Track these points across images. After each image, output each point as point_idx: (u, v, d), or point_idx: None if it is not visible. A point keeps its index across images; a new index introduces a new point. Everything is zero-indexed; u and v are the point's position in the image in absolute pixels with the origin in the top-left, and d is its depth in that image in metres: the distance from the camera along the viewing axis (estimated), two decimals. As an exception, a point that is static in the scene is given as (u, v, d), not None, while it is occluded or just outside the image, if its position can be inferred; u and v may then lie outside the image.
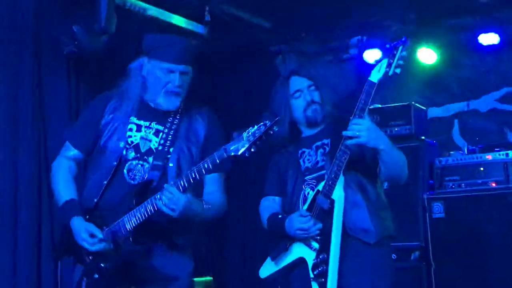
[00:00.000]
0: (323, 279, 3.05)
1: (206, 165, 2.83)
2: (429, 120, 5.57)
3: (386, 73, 3.05)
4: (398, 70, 3.05)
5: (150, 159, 3.07)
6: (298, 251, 3.20)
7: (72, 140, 3.19)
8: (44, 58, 4.33)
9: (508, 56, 5.47)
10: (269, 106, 3.44)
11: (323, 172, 3.21)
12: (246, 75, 6.16)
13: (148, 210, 2.91)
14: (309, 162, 3.30)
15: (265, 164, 6.00)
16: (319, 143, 3.31)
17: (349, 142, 3.05)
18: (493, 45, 5.37)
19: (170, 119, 3.12)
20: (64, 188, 3.11)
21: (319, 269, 3.08)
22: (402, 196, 4.66)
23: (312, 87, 3.34)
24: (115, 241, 2.96)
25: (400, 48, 3.05)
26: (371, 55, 5.65)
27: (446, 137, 5.65)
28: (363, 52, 5.71)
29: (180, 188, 2.86)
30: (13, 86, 4.22)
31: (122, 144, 3.07)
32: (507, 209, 4.68)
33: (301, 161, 3.32)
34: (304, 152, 3.34)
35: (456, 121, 5.69)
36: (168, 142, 3.09)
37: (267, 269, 3.32)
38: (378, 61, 3.10)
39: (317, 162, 3.27)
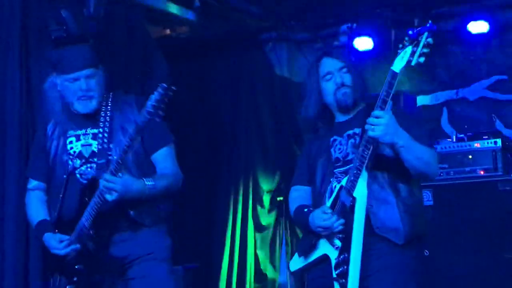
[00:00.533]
0: (343, 280, 2.93)
1: (127, 143, 2.98)
2: (418, 108, 5.58)
3: (409, 62, 2.83)
4: (422, 60, 2.81)
5: (95, 159, 3.21)
6: (323, 247, 3.07)
7: (30, 174, 3.43)
8: (32, 43, 4.28)
9: (497, 44, 5.48)
10: (301, 88, 3.28)
11: (351, 165, 3.02)
12: (236, 62, 6.15)
13: (96, 203, 3.06)
14: (340, 152, 3.14)
15: (262, 156, 6.03)
16: (350, 132, 3.14)
17: (367, 134, 2.90)
18: (483, 33, 5.37)
19: (101, 119, 3.25)
20: (34, 213, 3.34)
21: (341, 269, 2.95)
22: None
23: (344, 69, 3.14)
24: (81, 241, 3.12)
25: (426, 34, 2.82)
26: (361, 42, 5.65)
27: (435, 125, 5.66)
28: (353, 39, 5.69)
29: (114, 171, 3.01)
30: (0, 76, 4.16)
31: (65, 157, 3.24)
32: (495, 197, 4.69)
33: (332, 150, 3.16)
34: (335, 140, 3.17)
35: (445, 109, 5.70)
36: (106, 139, 3.21)
37: (296, 263, 3.23)
38: (401, 49, 2.87)
39: (347, 154, 3.11)
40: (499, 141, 4.85)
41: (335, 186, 3.08)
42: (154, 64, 5.13)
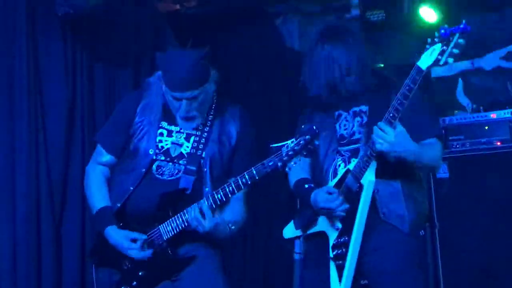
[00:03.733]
0: (341, 262, 2.94)
1: (244, 180, 2.88)
2: (432, 80, 5.50)
3: (437, 60, 2.76)
4: (450, 60, 2.75)
5: (182, 162, 3.07)
6: (323, 225, 3.06)
7: (104, 144, 3.21)
8: (39, 21, 4.24)
9: (512, 12, 5.39)
10: (306, 72, 3.19)
11: (358, 145, 3.02)
12: (245, 37, 6.07)
13: (182, 223, 2.97)
14: (345, 129, 3.10)
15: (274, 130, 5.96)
16: (357, 108, 3.09)
17: (373, 145, 2.86)
18: (497, 2, 5.27)
19: (201, 123, 3.14)
20: (96, 194, 3.15)
21: (339, 251, 2.96)
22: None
23: (348, 57, 3.05)
24: (153, 249, 3.01)
25: (457, 35, 2.75)
26: (374, 14, 5.55)
27: (450, 97, 5.58)
28: (365, 12, 5.59)
29: (213, 205, 2.93)
30: (8, 52, 4.13)
31: (151, 151, 3.07)
32: (512, 168, 4.64)
33: (337, 125, 3.12)
34: (341, 115, 3.13)
35: (460, 80, 5.62)
36: (202, 145, 3.09)
37: (291, 232, 3.23)
38: (430, 44, 2.79)
39: (354, 133, 3.07)
40: (515, 111, 4.78)
41: (339, 165, 3.05)
42: (164, 40, 5.09)
